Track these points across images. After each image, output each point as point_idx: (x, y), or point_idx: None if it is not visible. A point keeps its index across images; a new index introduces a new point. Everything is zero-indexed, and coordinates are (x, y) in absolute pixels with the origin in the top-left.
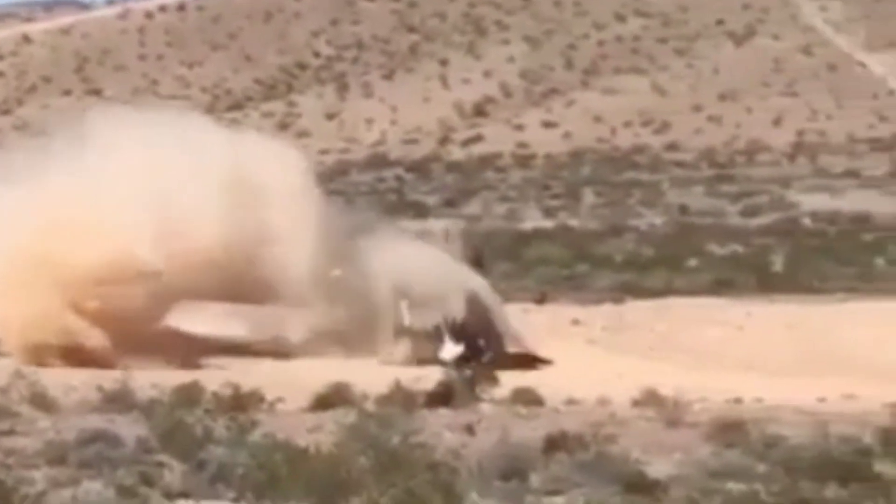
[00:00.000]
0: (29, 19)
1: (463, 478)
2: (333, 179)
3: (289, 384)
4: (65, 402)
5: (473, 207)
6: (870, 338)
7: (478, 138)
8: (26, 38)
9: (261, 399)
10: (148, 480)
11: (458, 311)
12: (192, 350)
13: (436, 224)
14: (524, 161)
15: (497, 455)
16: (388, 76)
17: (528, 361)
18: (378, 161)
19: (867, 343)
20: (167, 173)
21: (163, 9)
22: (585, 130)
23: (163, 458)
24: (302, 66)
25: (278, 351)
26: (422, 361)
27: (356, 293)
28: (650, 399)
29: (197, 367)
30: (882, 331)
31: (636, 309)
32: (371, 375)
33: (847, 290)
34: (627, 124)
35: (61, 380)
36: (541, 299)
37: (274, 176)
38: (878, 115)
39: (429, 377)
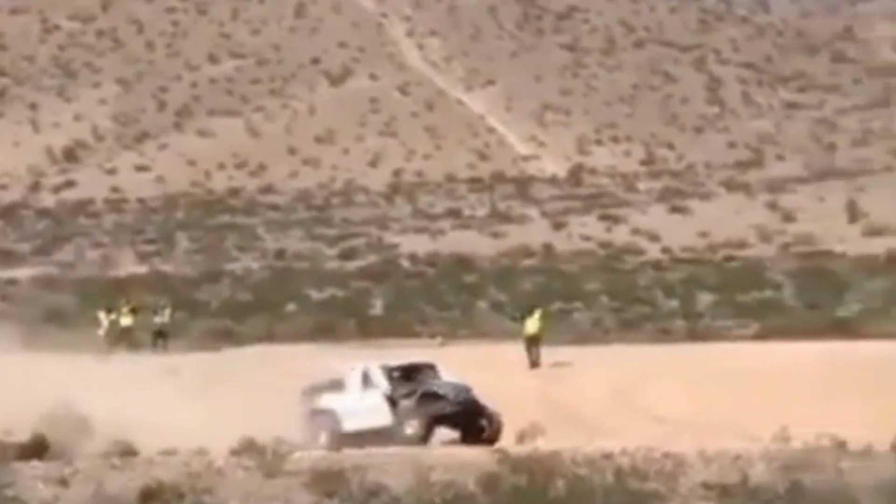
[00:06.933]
0: None
1: None
2: None
3: None
4: None
5: (66, 254)
6: (476, 381)
7: (69, 183)
8: None
9: None
10: None
11: None
12: None
13: (28, 272)
14: (117, 206)
15: None
16: None
17: None
18: None
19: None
20: None
21: None
22: (179, 174)
23: None
24: None
25: None
26: None
27: None
28: (248, 448)
29: None
30: (487, 375)
31: (234, 356)
32: None
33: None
34: (222, 167)
35: None
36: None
37: None
38: (477, 153)
39: (22, 430)
